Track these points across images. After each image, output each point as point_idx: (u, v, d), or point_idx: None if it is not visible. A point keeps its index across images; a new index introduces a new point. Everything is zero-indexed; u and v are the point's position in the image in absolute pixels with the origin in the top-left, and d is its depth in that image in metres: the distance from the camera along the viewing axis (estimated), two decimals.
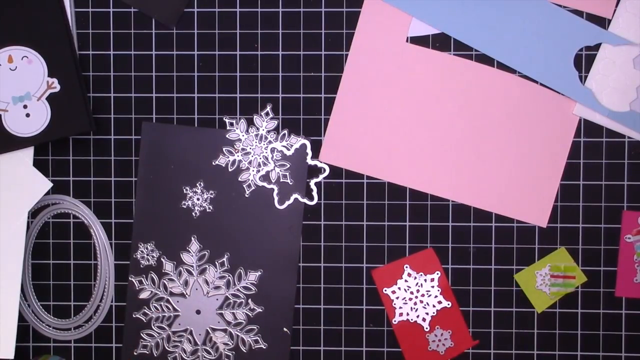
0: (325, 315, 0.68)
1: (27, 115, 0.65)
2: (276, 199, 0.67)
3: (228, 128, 0.67)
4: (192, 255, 0.67)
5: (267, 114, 0.67)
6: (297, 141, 0.67)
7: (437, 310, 0.67)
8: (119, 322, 0.68)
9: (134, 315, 0.68)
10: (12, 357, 0.66)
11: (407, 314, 0.67)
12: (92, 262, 0.68)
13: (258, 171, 0.67)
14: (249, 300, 0.68)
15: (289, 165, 0.67)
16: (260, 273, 0.67)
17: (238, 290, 0.67)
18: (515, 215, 0.66)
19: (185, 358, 0.68)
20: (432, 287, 0.67)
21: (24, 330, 0.69)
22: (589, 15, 0.65)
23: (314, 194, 0.67)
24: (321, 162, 0.67)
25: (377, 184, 0.67)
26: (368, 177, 0.67)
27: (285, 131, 0.67)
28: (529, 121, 0.66)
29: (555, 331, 0.67)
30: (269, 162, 0.67)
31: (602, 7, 0.65)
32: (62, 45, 0.65)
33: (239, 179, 0.67)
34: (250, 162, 0.67)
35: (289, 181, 0.67)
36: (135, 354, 0.68)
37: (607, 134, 0.66)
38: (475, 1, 0.65)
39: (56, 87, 0.65)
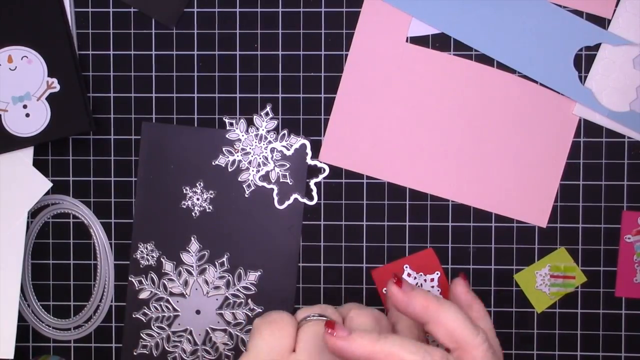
0: None
1: (27, 115, 0.65)
2: (276, 199, 0.67)
3: (228, 128, 0.67)
4: (192, 255, 0.67)
5: (267, 114, 0.67)
6: (297, 141, 0.67)
7: None
8: (119, 322, 0.68)
9: (133, 315, 0.68)
10: (12, 357, 0.66)
11: None
12: (92, 262, 0.68)
13: (258, 171, 0.67)
14: (249, 300, 0.67)
15: (288, 165, 0.67)
16: (260, 273, 0.67)
17: (238, 290, 0.67)
18: (515, 215, 0.66)
19: (185, 358, 0.68)
20: (432, 287, 0.67)
21: (23, 330, 0.69)
22: (589, 15, 0.65)
23: (314, 194, 0.67)
24: (321, 162, 0.67)
25: (377, 184, 0.67)
26: (368, 177, 0.67)
27: (285, 131, 0.67)
28: (529, 121, 0.66)
29: (555, 331, 0.67)
30: (269, 162, 0.67)
31: (602, 7, 0.65)
32: (62, 45, 0.65)
33: (239, 179, 0.67)
34: (250, 162, 0.67)
35: (288, 181, 0.67)
36: (135, 354, 0.68)
37: (607, 134, 0.66)
38: (475, 1, 0.65)
39: (56, 87, 0.65)
